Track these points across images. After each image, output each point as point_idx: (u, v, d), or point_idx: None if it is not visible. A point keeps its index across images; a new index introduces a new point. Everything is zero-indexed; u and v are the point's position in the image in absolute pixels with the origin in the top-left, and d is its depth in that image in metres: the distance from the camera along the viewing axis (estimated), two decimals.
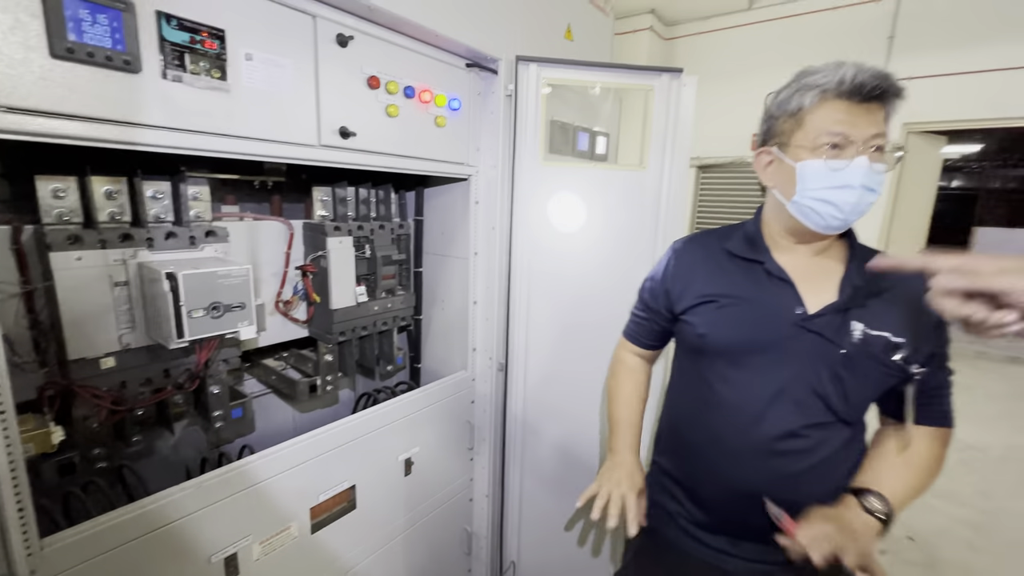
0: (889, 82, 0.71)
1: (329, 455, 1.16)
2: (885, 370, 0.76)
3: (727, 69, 5.56)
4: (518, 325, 1.50)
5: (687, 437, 0.92)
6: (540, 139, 1.40)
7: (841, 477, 0.82)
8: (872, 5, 4.79)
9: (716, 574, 0.88)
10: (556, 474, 1.57)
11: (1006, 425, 3.29)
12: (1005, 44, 4.35)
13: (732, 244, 0.88)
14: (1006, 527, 2.25)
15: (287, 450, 1.07)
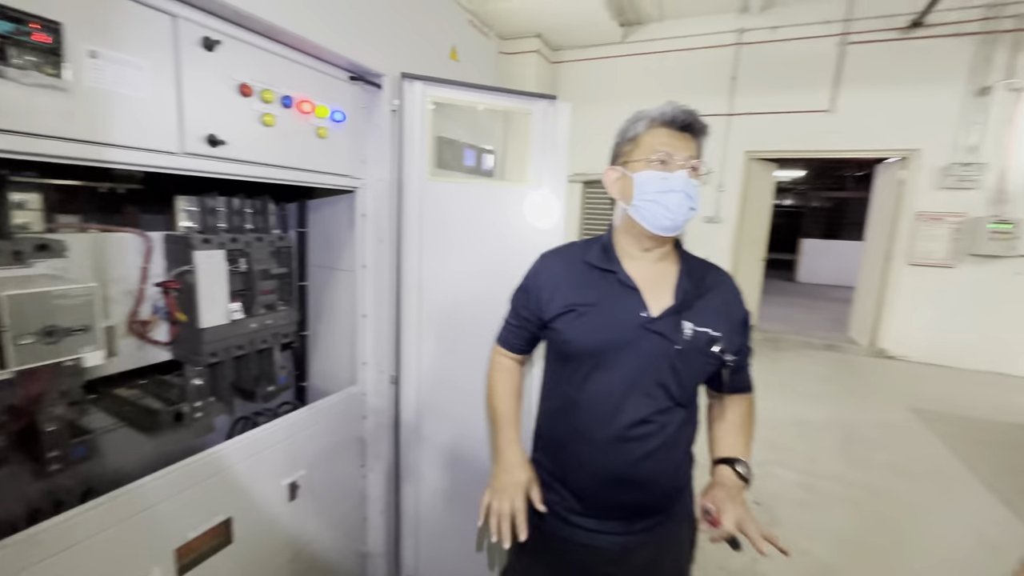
0: (694, 119, 0.90)
1: (198, 488, 1.07)
2: (708, 360, 0.92)
3: (605, 93, 6.10)
4: (410, 337, 1.51)
5: (558, 432, 1.02)
6: (427, 154, 1.44)
7: (681, 451, 0.98)
8: (719, 50, 5.59)
9: (590, 551, 0.98)
10: (451, 482, 1.60)
11: (826, 400, 4.02)
12: (813, 92, 5.33)
13: (591, 256, 0.99)
14: (827, 485, 2.75)
15: (143, 487, 0.97)
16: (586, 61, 6.18)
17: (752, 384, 1.07)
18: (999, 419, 3.77)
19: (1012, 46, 4.55)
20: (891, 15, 4.86)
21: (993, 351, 4.87)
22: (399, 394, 1.53)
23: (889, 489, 2.74)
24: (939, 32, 4.74)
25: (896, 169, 5.24)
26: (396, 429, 1.56)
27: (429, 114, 1.43)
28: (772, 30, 5.32)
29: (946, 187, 4.87)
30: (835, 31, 5.09)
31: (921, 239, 5.02)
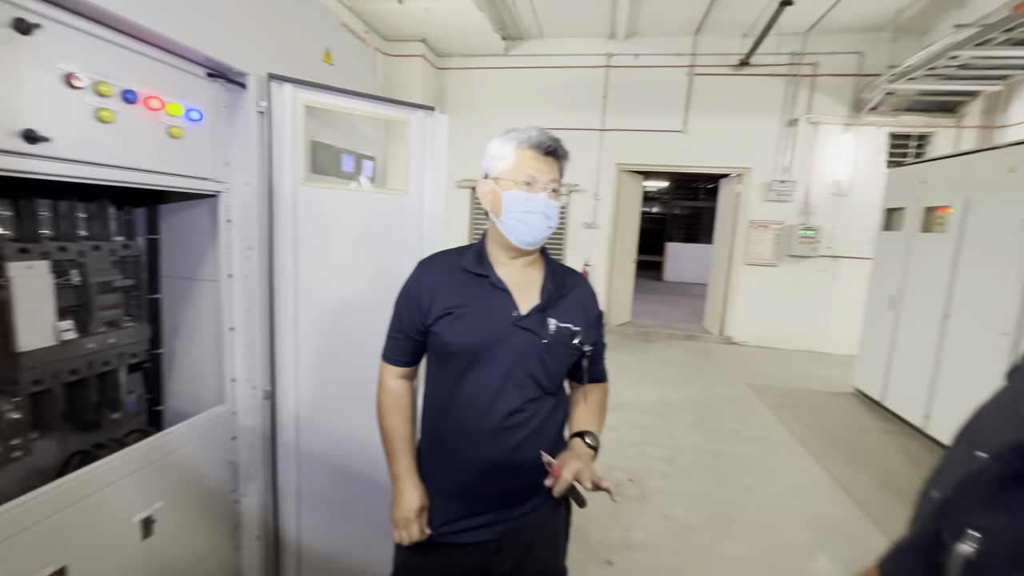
0: (557, 145, 1.01)
1: (22, 536, 0.92)
2: (570, 351, 1.04)
3: (492, 103, 6.30)
4: (286, 350, 1.44)
5: (437, 430, 1.07)
6: (300, 159, 1.40)
7: (552, 434, 1.08)
8: (592, 70, 6.09)
9: (472, 548, 1.04)
10: (337, 498, 1.56)
11: (684, 384, 4.60)
12: (670, 114, 6.05)
13: (466, 262, 1.07)
14: (685, 457, 3.17)
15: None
16: (473, 70, 6.32)
17: (606, 374, 1.20)
18: (810, 388, 4.65)
19: (810, 87, 5.65)
20: (725, 53, 5.73)
21: (806, 333, 5.98)
22: (275, 411, 1.45)
23: (731, 453, 3.24)
24: (761, 72, 5.71)
25: (734, 183, 6.18)
26: (273, 448, 1.47)
27: (301, 117, 1.39)
28: (635, 57, 5.95)
29: (769, 200, 5.87)
30: (684, 63, 5.86)
31: (753, 243, 5.99)
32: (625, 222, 6.58)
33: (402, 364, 1.13)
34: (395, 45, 5.73)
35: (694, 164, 6.07)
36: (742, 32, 5.54)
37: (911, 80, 4.74)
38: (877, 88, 5.12)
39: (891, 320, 3.97)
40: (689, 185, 16.19)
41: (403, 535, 1.05)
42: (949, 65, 4.37)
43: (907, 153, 5.59)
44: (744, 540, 2.34)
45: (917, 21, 5.11)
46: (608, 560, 2.16)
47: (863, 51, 5.46)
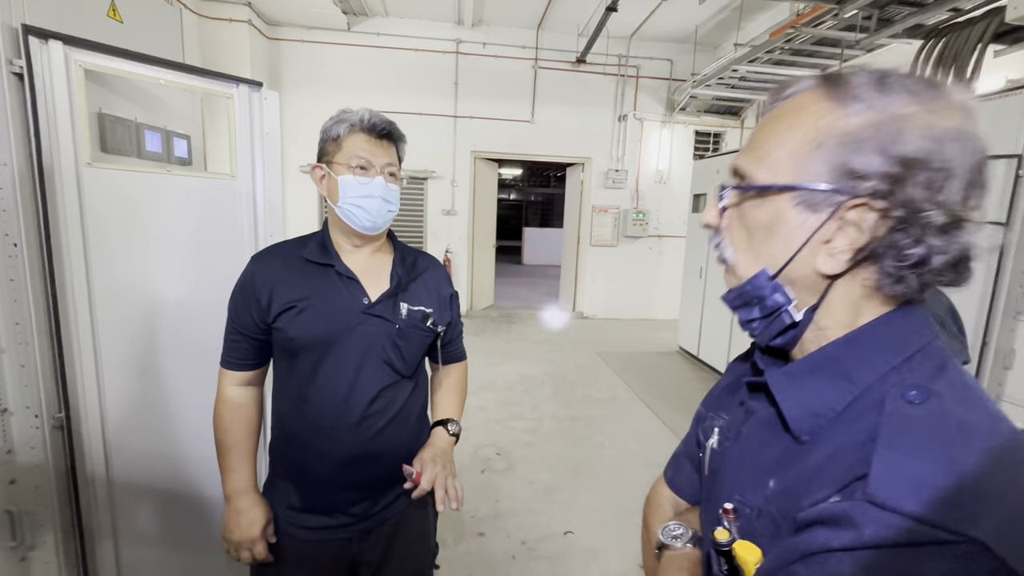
0: (392, 127, 1.00)
1: None
2: (424, 333, 1.05)
3: (337, 81, 5.86)
4: (83, 368, 1.20)
5: (291, 429, 1.00)
6: (82, 134, 1.15)
7: (413, 420, 1.08)
8: (442, 55, 6.04)
9: (334, 546, 1.01)
10: (170, 527, 1.36)
11: (543, 358, 4.96)
12: (519, 104, 6.33)
13: (308, 251, 1.01)
14: (545, 425, 3.44)
15: None
16: (313, 44, 5.78)
17: (464, 353, 1.23)
18: (645, 350, 5.38)
19: (634, 87, 6.41)
20: (564, 50, 6.18)
21: (641, 304, 6.88)
22: (72, 442, 1.20)
23: (584, 415, 3.61)
24: (595, 69, 6.29)
25: (578, 172, 6.75)
26: (72, 485, 1.22)
27: (80, 83, 1.14)
28: (483, 45, 6.06)
29: (607, 187, 6.56)
30: (529, 56, 6.16)
31: (596, 226, 6.64)
32: (483, 208, 6.75)
33: (242, 368, 1.03)
34: (213, 5, 4.96)
35: (543, 153, 6.47)
36: (578, 31, 6.02)
37: (707, 87, 5.69)
38: (684, 92, 6.03)
39: (701, 287, 4.79)
40: (541, 173, 17.22)
41: (245, 556, 0.99)
42: (732, 76, 5.33)
43: (708, 148, 6.72)
44: (597, 491, 2.64)
45: (710, 37, 6.12)
46: (480, 532, 2.26)
47: (672, 59, 6.36)
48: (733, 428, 0.55)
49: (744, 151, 0.49)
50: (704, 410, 0.65)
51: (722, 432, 0.57)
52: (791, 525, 0.41)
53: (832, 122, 0.42)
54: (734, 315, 0.51)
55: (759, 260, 0.47)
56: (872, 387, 0.42)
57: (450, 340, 1.16)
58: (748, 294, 0.48)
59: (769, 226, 0.46)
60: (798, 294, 0.46)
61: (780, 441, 0.47)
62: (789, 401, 0.46)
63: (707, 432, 0.59)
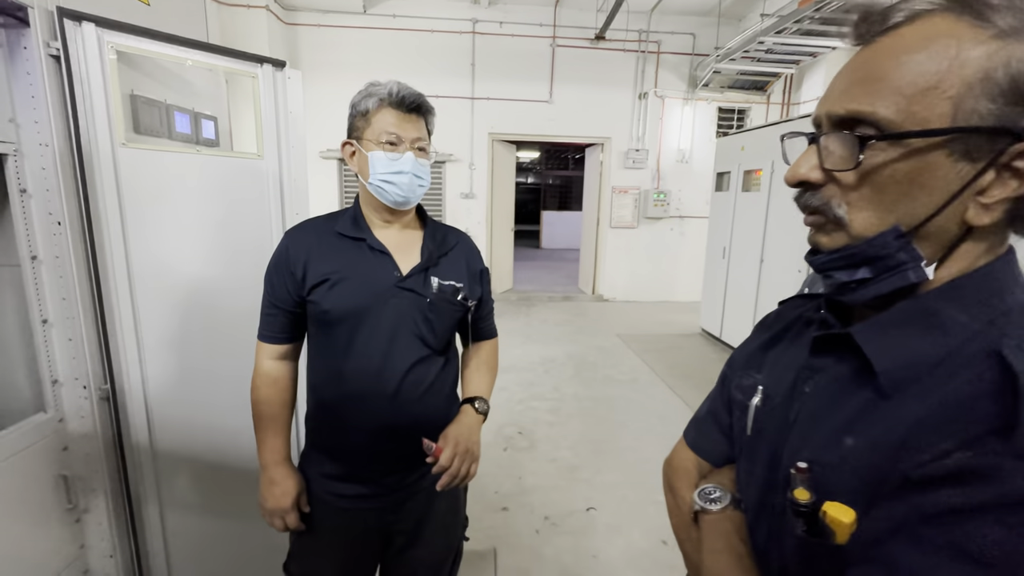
0: (421, 100, 0.99)
1: None
2: (455, 307, 1.06)
3: (351, 63, 5.86)
4: (125, 341, 1.25)
5: (327, 401, 1.03)
6: (116, 115, 1.18)
7: (445, 394, 1.09)
8: (458, 36, 5.98)
9: (368, 514, 1.04)
10: (210, 496, 1.43)
11: (564, 340, 4.97)
12: (536, 84, 6.23)
13: (340, 226, 1.02)
14: (567, 405, 3.46)
15: None
16: (329, 28, 5.79)
17: (495, 330, 1.24)
18: (666, 332, 5.34)
19: (656, 64, 6.24)
20: (583, 27, 6.04)
21: (662, 286, 6.80)
22: (118, 412, 1.26)
23: (606, 396, 3.61)
24: (615, 47, 6.14)
25: (598, 153, 6.65)
26: (120, 453, 1.28)
27: (113, 65, 1.17)
28: (500, 24, 5.97)
29: (627, 167, 6.45)
30: (547, 34, 6.05)
31: (616, 207, 6.56)
32: (501, 192, 6.73)
33: (279, 341, 1.06)
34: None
35: (561, 134, 6.39)
36: (596, 7, 5.87)
37: (732, 61, 5.50)
38: (707, 67, 5.85)
39: (724, 268, 4.71)
40: (559, 155, 17.01)
41: (278, 524, 1.03)
42: (758, 49, 5.15)
43: (732, 124, 6.53)
44: (619, 469, 2.66)
45: (735, 8, 5.90)
46: (504, 507, 2.30)
47: (695, 33, 6.16)
48: (783, 385, 0.53)
49: (856, 92, 0.41)
50: (731, 370, 0.64)
51: (767, 390, 0.55)
52: (893, 483, 0.38)
53: (996, 49, 0.36)
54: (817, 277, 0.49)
55: (889, 215, 0.41)
56: (971, 339, 0.40)
57: (481, 316, 1.16)
58: (863, 254, 0.43)
59: (911, 179, 0.40)
60: (926, 249, 0.41)
61: (857, 397, 0.44)
62: (879, 353, 0.43)
63: (747, 391, 0.58)
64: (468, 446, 0.99)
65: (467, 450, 0.98)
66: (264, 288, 1.04)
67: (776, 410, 0.53)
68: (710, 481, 0.60)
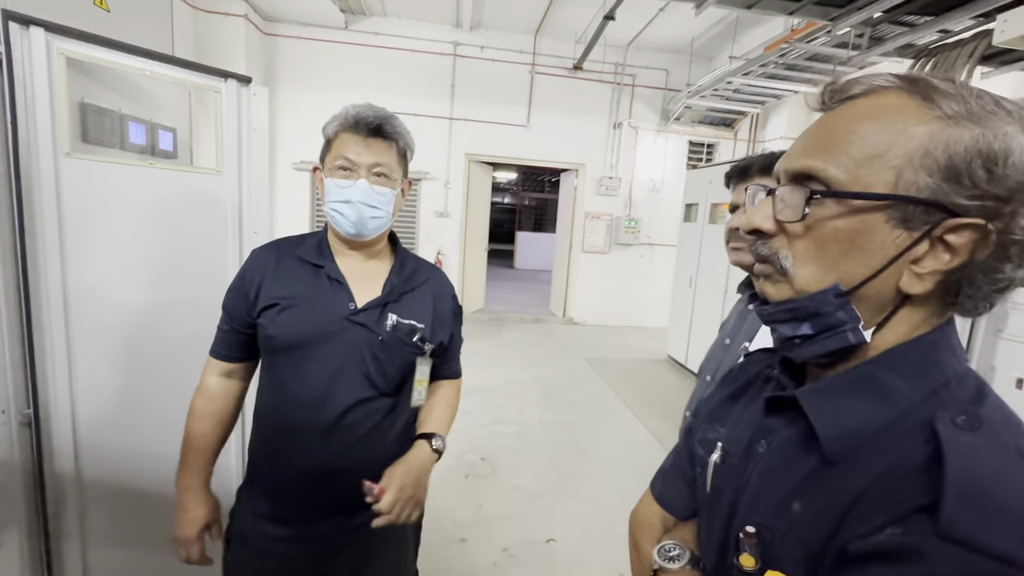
0: (382, 123, 0.94)
1: None
2: (409, 349, 1.00)
3: (329, 79, 5.83)
4: (55, 365, 1.16)
5: (266, 430, 0.98)
6: (61, 123, 1.12)
7: (391, 439, 1.01)
8: (439, 57, 6.04)
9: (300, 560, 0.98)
10: (143, 528, 1.33)
11: (532, 364, 4.95)
12: (515, 108, 6.33)
13: (302, 250, 0.99)
14: (532, 430, 3.43)
15: None
16: (309, 41, 5.75)
17: (459, 371, 1.18)
18: (634, 358, 5.39)
19: (630, 95, 6.45)
20: (561, 56, 6.20)
21: (631, 311, 6.90)
22: (40, 438, 1.17)
23: (571, 421, 3.60)
24: (592, 76, 6.32)
25: (572, 178, 6.77)
26: (39, 483, 1.18)
27: (61, 72, 1.12)
28: (480, 49, 6.07)
29: (600, 194, 6.58)
30: (527, 60, 6.18)
31: (589, 232, 6.66)
32: (476, 211, 6.74)
33: (227, 359, 1.01)
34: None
35: (537, 158, 6.48)
36: (575, 38, 6.05)
37: (702, 97, 5.74)
38: (679, 102, 6.08)
39: (691, 296, 4.81)
40: (536, 178, 17.27)
41: (181, 554, 0.99)
42: (727, 88, 5.39)
43: (701, 158, 6.77)
44: (582, 496, 2.63)
45: (705, 49, 6.19)
46: (462, 538, 2.23)
47: (668, 69, 6.42)
48: (740, 443, 0.53)
49: (812, 151, 0.44)
50: (695, 421, 0.63)
51: (726, 447, 0.55)
52: (832, 555, 0.38)
53: (938, 130, 0.38)
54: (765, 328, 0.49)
55: (830, 273, 0.42)
56: (911, 410, 0.40)
57: (445, 358, 1.11)
58: (804, 309, 0.44)
59: (851, 239, 0.41)
60: (864, 312, 0.42)
61: (806, 462, 0.44)
62: (822, 419, 0.43)
63: (707, 446, 0.57)
64: (413, 491, 0.94)
65: (411, 496, 0.93)
66: (223, 303, 1.01)
67: (733, 469, 0.52)
68: (672, 537, 0.60)
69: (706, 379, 1.12)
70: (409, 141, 1.00)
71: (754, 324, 1.05)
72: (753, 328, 1.05)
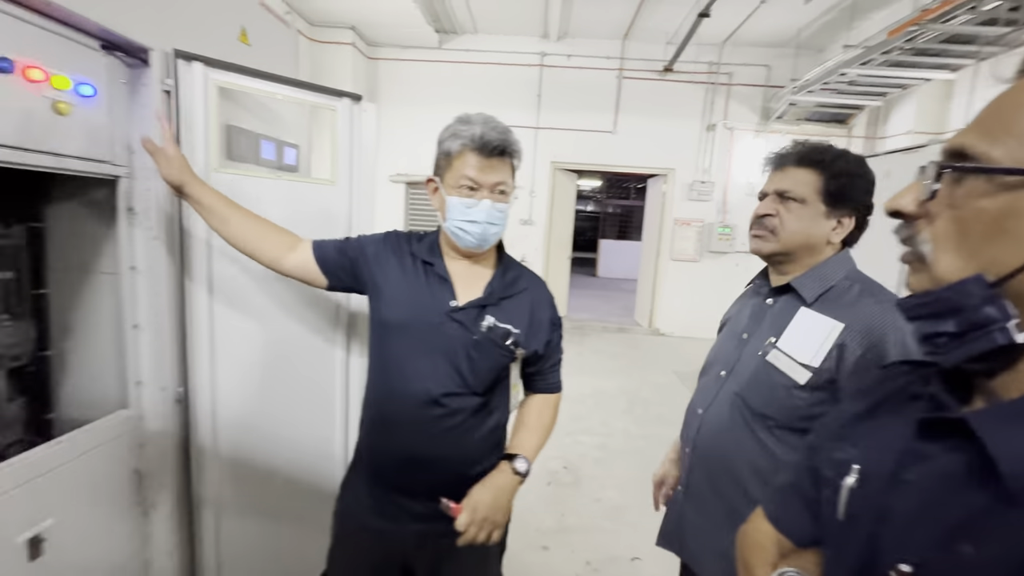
0: (506, 143, 0.98)
1: None
2: (502, 352, 1.02)
3: (426, 96, 6.20)
4: (200, 349, 1.34)
5: (367, 415, 1.08)
6: (213, 144, 1.31)
7: (479, 439, 1.04)
8: (526, 68, 6.17)
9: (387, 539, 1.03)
10: (265, 503, 1.48)
11: (617, 374, 4.82)
12: (601, 114, 6.27)
13: (418, 248, 1.07)
14: (616, 442, 3.32)
15: None
16: (406, 62, 6.18)
17: (559, 385, 1.17)
18: None
19: (725, 95, 6.09)
20: (651, 60, 6.04)
21: None
22: (189, 414, 1.36)
23: (658, 436, 3.44)
24: (683, 78, 6.08)
25: (660, 183, 6.53)
26: (186, 455, 1.37)
27: (214, 100, 1.30)
28: (567, 57, 6.11)
29: (691, 199, 6.28)
30: (614, 66, 6.10)
31: (678, 239, 6.37)
32: (560, 219, 6.75)
33: (316, 247, 1.12)
34: (322, 31, 5.47)
35: (624, 164, 6.35)
36: (666, 40, 5.87)
37: (810, 93, 5.26)
38: (782, 99, 5.63)
39: None
40: (621, 184, 16.89)
41: None
42: (840, 81, 4.89)
43: None
44: None
45: (814, 40, 5.67)
46: (544, 546, 2.22)
47: (770, 64, 5.97)
48: (882, 468, 0.46)
49: (972, 127, 0.40)
50: (819, 439, 0.57)
51: (864, 470, 0.48)
52: None
53: None
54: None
55: (973, 261, 0.38)
56: None
57: (540, 369, 1.12)
58: (946, 302, 0.39)
59: (998, 221, 0.37)
60: (1021, 309, 0.37)
61: (977, 496, 0.38)
62: (1006, 451, 0.36)
63: (837, 467, 0.51)
64: (488, 514, 0.95)
65: (485, 518, 0.94)
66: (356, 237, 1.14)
67: (872, 495, 0.46)
68: (791, 564, 0.54)
69: (720, 374, 1.05)
70: (521, 152, 1.04)
71: (780, 318, 0.97)
72: (780, 322, 0.97)
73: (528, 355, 1.07)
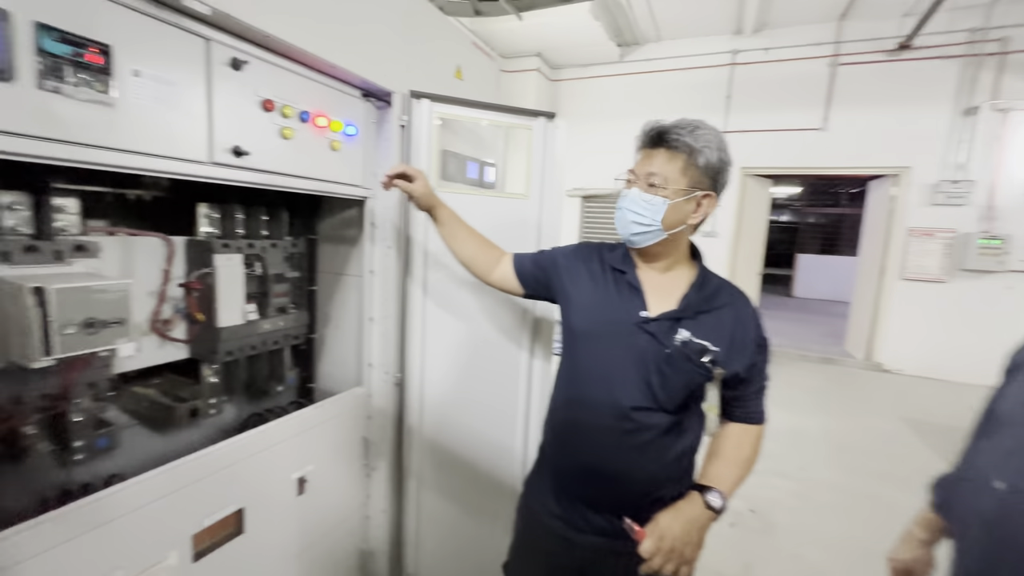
0: (660, 131, 0.97)
1: (213, 478, 1.13)
2: (696, 368, 0.95)
3: (604, 111, 6.26)
4: (414, 342, 1.57)
5: (552, 420, 1.11)
6: (433, 167, 1.53)
7: (668, 460, 0.98)
8: (714, 69, 5.76)
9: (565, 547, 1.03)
10: (451, 485, 1.66)
11: (820, 412, 4.07)
12: (806, 111, 5.48)
13: (611, 256, 1.09)
14: (818, 492, 2.80)
15: (164, 475, 1.02)
16: (585, 79, 6.35)
17: (763, 416, 1.05)
18: None
19: (997, 68, 4.71)
20: (879, 38, 5.03)
21: (985, 365, 4.92)
22: (403, 397, 1.60)
23: (876, 495, 2.78)
24: (926, 55, 4.91)
25: (888, 186, 5.36)
26: (399, 430, 1.62)
27: (435, 129, 1.52)
28: (765, 51, 5.49)
29: (936, 203, 4.99)
30: (826, 52, 5.26)
31: (913, 254, 5.12)
32: (749, 231, 6.06)
33: (516, 262, 1.21)
34: (511, 61, 5.98)
35: (836, 165, 5.40)
36: (902, 12, 4.82)
37: None
38: None
39: None
40: (827, 190, 14.41)
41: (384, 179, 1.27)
42: None
43: None
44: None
45: None
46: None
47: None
48: None
49: None
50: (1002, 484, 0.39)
51: None
52: None
53: None
54: None
55: None
56: None
57: (741, 395, 1.01)
58: None
59: None
60: None
61: None
62: None
63: None
64: (676, 546, 0.87)
65: (672, 549, 0.86)
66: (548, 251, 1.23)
67: None
68: None
69: None
70: (703, 149, 0.97)
71: None
72: None
73: (728, 376, 0.97)
